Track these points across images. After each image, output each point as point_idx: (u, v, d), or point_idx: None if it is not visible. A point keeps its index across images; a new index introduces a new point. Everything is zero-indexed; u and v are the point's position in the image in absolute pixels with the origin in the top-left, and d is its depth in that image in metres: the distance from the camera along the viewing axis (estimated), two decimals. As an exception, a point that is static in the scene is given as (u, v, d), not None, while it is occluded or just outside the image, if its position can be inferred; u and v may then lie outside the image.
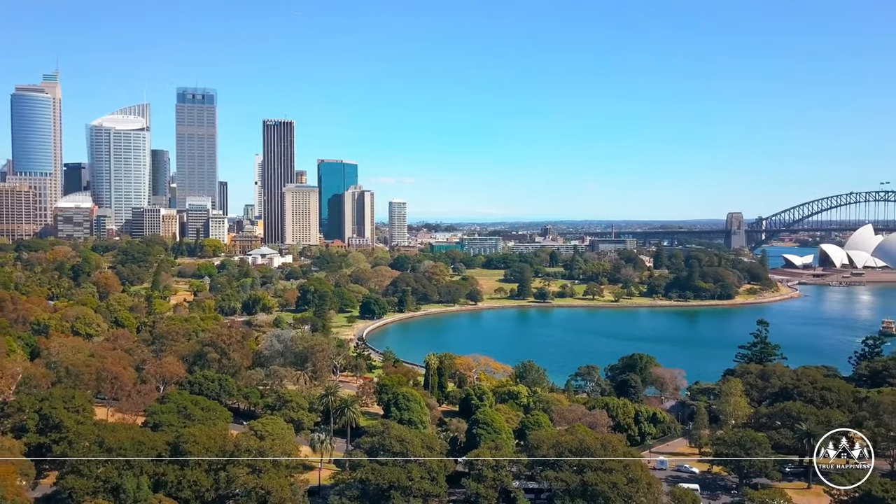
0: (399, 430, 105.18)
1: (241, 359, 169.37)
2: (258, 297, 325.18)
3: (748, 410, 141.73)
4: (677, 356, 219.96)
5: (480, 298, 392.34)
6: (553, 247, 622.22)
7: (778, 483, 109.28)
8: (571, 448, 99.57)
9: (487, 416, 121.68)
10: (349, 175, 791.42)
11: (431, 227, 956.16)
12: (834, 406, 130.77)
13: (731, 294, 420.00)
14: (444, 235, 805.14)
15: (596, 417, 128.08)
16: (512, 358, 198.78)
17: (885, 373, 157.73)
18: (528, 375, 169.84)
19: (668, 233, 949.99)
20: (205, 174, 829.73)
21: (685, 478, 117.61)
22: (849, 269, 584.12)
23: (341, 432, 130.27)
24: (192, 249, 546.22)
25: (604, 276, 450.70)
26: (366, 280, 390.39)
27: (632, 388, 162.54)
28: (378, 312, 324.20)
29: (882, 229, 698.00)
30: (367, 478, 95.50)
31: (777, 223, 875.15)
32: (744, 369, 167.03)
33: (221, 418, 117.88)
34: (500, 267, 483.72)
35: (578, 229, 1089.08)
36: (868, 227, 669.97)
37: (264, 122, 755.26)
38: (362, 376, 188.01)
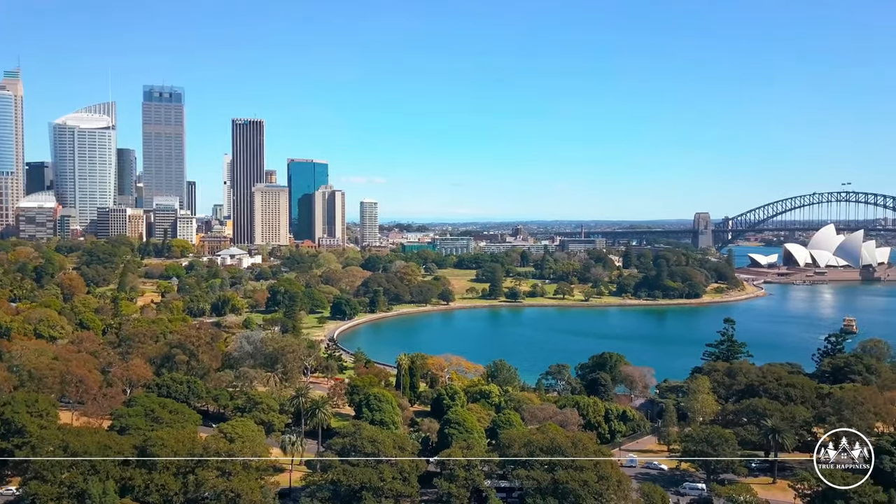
0: (371, 431, 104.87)
1: (210, 360, 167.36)
2: (227, 298, 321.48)
3: (715, 407, 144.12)
4: (646, 354, 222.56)
5: (452, 298, 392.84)
6: (524, 247, 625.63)
7: (744, 478, 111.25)
8: (542, 447, 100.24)
9: (459, 415, 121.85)
10: (319, 175, 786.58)
11: (403, 227, 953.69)
12: (798, 402, 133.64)
13: (698, 293, 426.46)
14: (416, 235, 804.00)
15: (567, 416, 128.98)
16: (484, 357, 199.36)
17: (847, 369, 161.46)
18: (499, 375, 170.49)
19: (636, 233, 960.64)
20: (172, 174, 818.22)
21: (654, 474, 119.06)
22: (812, 268, 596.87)
23: (312, 433, 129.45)
24: (159, 250, 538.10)
25: (574, 275, 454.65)
26: (337, 280, 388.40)
27: (602, 387, 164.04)
28: (349, 313, 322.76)
29: (843, 229, 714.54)
30: (338, 479, 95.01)
31: (743, 223, 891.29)
32: (711, 367, 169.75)
33: (190, 421, 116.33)
34: (471, 267, 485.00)
35: (549, 229, 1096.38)
36: (830, 227, 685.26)
37: (233, 121, 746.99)
38: (333, 377, 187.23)
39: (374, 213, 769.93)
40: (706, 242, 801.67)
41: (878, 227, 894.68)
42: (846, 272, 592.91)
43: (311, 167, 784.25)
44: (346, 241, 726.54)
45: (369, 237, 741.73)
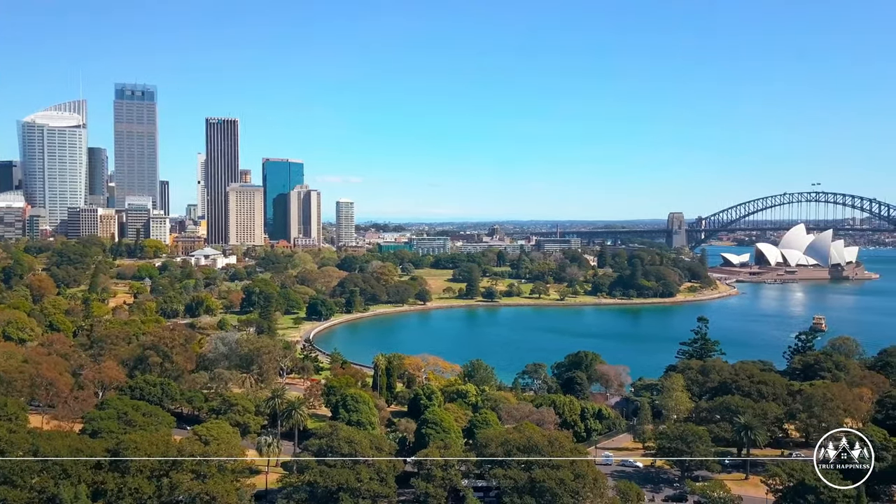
0: (347, 432, 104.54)
1: (184, 362, 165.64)
2: (202, 298, 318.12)
3: (689, 405, 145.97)
4: (621, 353, 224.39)
5: (429, 298, 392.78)
6: (500, 246, 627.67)
7: (718, 475, 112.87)
8: (519, 446, 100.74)
9: (436, 415, 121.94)
10: (295, 174, 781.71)
11: (379, 227, 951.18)
12: (770, 399, 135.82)
13: (672, 292, 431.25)
14: (393, 235, 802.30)
15: (543, 415, 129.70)
16: (461, 357, 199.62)
17: (817, 366, 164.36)
18: (476, 374, 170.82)
19: (611, 232, 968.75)
20: (145, 173, 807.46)
21: (630, 472, 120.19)
22: (783, 267, 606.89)
23: (289, 435, 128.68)
24: (131, 250, 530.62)
25: (550, 275, 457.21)
26: (312, 281, 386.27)
27: (578, 386, 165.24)
28: (325, 314, 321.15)
29: (813, 229, 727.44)
30: (315, 480, 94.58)
31: (716, 223, 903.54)
32: (685, 365, 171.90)
33: (164, 423, 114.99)
34: (448, 267, 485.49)
35: (525, 229, 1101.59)
36: (800, 227, 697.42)
37: (207, 120, 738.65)
38: (310, 378, 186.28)
39: (351, 212, 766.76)
40: (680, 242, 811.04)
41: (847, 226, 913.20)
42: (816, 271, 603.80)
43: (286, 167, 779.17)
44: (322, 242, 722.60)
45: (345, 237, 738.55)
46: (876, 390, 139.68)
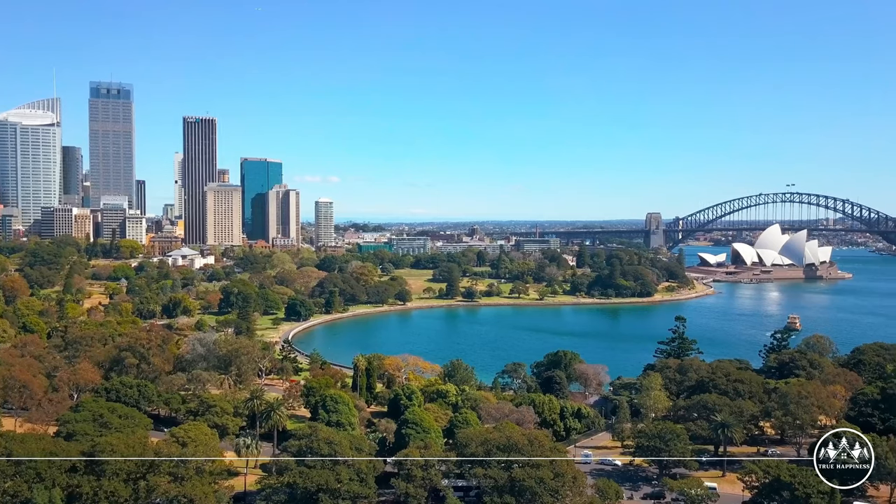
0: (327, 433, 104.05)
1: (161, 363, 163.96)
2: (179, 299, 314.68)
3: (667, 403, 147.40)
4: (600, 352, 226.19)
5: (409, 298, 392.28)
6: (480, 246, 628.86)
7: (695, 472, 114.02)
8: (499, 445, 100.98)
9: (416, 415, 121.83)
10: (273, 174, 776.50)
11: (359, 227, 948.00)
12: (746, 397, 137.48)
13: (650, 291, 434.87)
14: (372, 235, 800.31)
15: (523, 414, 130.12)
16: (441, 357, 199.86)
17: (792, 364, 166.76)
18: (456, 374, 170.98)
19: (590, 233, 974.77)
20: (121, 172, 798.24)
21: (609, 470, 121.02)
22: (758, 266, 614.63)
23: (268, 436, 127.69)
24: (107, 251, 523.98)
25: (529, 274, 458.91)
26: (291, 281, 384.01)
27: (557, 385, 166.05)
28: (304, 314, 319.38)
29: (788, 229, 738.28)
30: (294, 481, 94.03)
31: (693, 223, 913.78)
32: (663, 364, 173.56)
33: (141, 426, 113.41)
34: (428, 267, 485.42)
35: (504, 229, 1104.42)
36: (775, 227, 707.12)
37: (185, 119, 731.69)
38: (289, 379, 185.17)
39: (330, 212, 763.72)
40: (658, 242, 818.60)
41: (821, 227, 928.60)
42: (791, 271, 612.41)
43: (264, 166, 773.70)
44: (301, 242, 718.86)
45: (324, 237, 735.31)
46: (849, 388, 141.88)
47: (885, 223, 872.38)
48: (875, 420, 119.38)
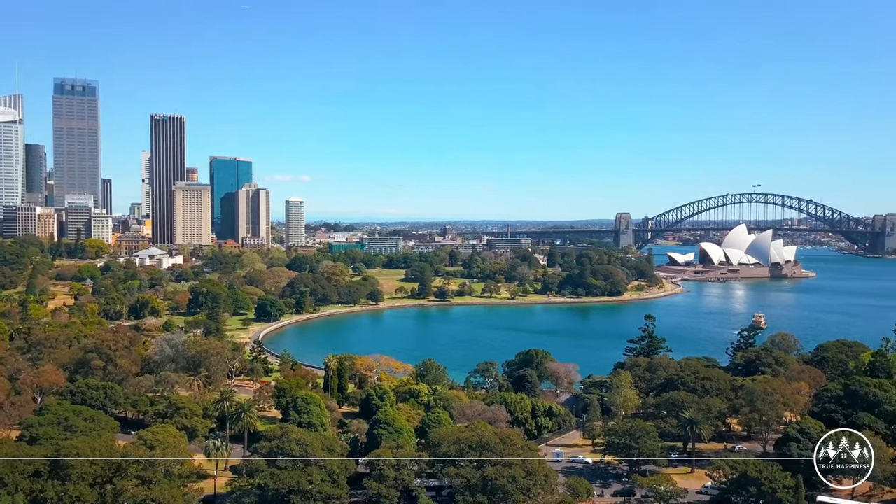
0: (298, 434, 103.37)
1: (128, 365, 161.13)
2: (146, 299, 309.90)
3: (637, 401, 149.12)
4: (571, 351, 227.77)
5: (381, 298, 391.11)
6: (452, 246, 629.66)
7: (664, 469, 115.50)
8: (472, 444, 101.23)
9: (388, 415, 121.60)
10: (243, 173, 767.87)
11: (330, 227, 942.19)
12: (714, 394, 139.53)
13: (620, 291, 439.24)
14: (344, 235, 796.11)
15: (495, 413, 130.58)
16: (413, 357, 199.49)
17: (758, 362, 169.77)
18: (428, 374, 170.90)
19: (560, 232, 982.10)
20: (86, 170, 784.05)
21: (580, 468, 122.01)
22: (726, 266, 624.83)
23: (238, 438, 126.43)
24: (72, 251, 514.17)
25: (501, 274, 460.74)
26: (261, 281, 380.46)
27: (528, 383, 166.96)
28: (275, 314, 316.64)
29: (754, 228, 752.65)
30: (265, 483, 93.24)
31: (662, 223, 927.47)
32: (633, 362, 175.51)
33: (107, 428, 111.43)
34: (400, 266, 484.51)
35: (476, 229, 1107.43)
36: (742, 227, 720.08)
37: (152, 116, 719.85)
38: (259, 380, 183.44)
39: (300, 212, 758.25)
40: (627, 242, 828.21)
41: (786, 227, 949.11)
42: (757, 270, 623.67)
43: (234, 165, 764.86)
44: (272, 241, 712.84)
45: (295, 237, 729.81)
46: (813, 384, 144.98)
47: (846, 223, 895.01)
48: (838, 416, 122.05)
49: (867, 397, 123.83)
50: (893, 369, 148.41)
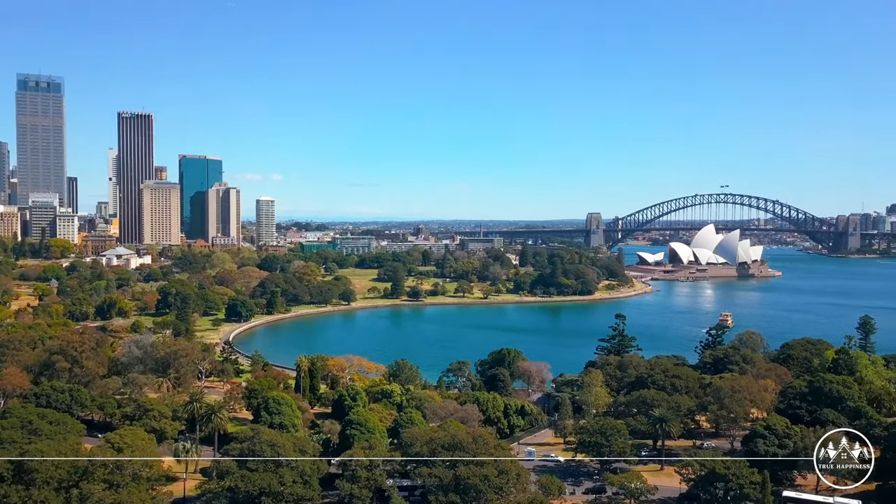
0: (270, 435, 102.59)
1: (95, 367, 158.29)
2: (113, 300, 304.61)
3: (608, 399, 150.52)
4: (543, 350, 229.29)
5: (353, 298, 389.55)
6: (425, 246, 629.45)
7: (635, 466, 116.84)
8: (444, 444, 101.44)
9: (361, 416, 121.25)
10: (213, 171, 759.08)
11: (301, 226, 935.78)
12: (683, 392, 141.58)
13: (590, 290, 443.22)
14: (316, 235, 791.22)
15: (467, 412, 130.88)
16: (385, 357, 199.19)
17: (726, 360, 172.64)
18: (401, 374, 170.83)
19: (532, 232, 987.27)
20: (51, 169, 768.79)
21: (551, 466, 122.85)
22: (694, 265, 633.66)
23: (208, 440, 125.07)
24: (36, 250, 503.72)
25: (473, 273, 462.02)
26: (232, 281, 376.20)
27: (501, 382, 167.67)
28: (245, 315, 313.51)
29: (722, 228, 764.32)
30: (236, 485, 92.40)
31: (632, 223, 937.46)
32: (604, 361, 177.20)
33: (73, 432, 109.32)
34: (373, 266, 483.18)
35: (449, 229, 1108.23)
36: (710, 227, 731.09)
37: (119, 114, 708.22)
38: (230, 381, 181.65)
39: (271, 211, 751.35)
40: (598, 241, 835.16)
41: (753, 227, 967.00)
42: (725, 269, 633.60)
43: (204, 163, 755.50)
44: (242, 241, 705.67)
45: (266, 236, 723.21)
46: (779, 382, 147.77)
47: (811, 223, 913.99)
48: (803, 412, 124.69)
49: (831, 394, 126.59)
50: (856, 366, 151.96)
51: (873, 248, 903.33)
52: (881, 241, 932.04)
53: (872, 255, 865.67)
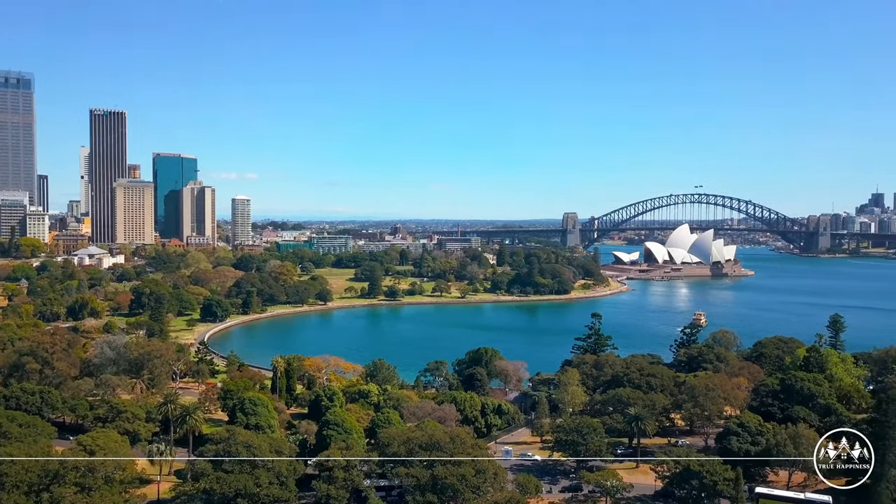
0: (245, 436, 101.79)
1: (66, 368, 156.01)
2: (85, 300, 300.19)
3: (584, 398, 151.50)
4: (520, 349, 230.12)
5: (330, 298, 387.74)
6: (403, 245, 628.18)
7: (611, 464, 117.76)
8: (422, 443, 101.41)
9: (338, 416, 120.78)
10: (188, 170, 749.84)
11: (278, 226, 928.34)
12: (658, 390, 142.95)
13: (567, 289, 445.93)
14: (292, 234, 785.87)
15: (445, 412, 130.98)
16: (363, 357, 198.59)
17: (700, 358, 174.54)
18: (378, 374, 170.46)
19: (509, 232, 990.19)
20: (20, 166, 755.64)
21: (528, 465, 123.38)
22: (669, 264, 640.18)
23: (183, 442, 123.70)
24: (5, 250, 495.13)
25: (451, 273, 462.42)
26: (207, 281, 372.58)
27: (478, 382, 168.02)
28: (221, 315, 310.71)
29: (696, 228, 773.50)
30: (211, 487, 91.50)
31: (608, 223, 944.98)
32: (580, 360, 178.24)
33: (44, 434, 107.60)
34: (350, 266, 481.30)
35: (427, 228, 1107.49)
36: (685, 227, 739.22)
37: (91, 111, 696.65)
38: (205, 382, 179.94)
39: (247, 210, 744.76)
40: (574, 241, 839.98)
41: (726, 226, 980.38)
42: (699, 268, 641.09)
43: (178, 162, 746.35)
44: (217, 240, 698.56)
45: (242, 236, 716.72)
46: (752, 379, 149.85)
47: (783, 223, 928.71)
48: (775, 409, 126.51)
49: (802, 391, 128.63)
50: (826, 364, 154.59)
51: (843, 247, 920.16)
52: (850, 241, 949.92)
53: (842, 254, 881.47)
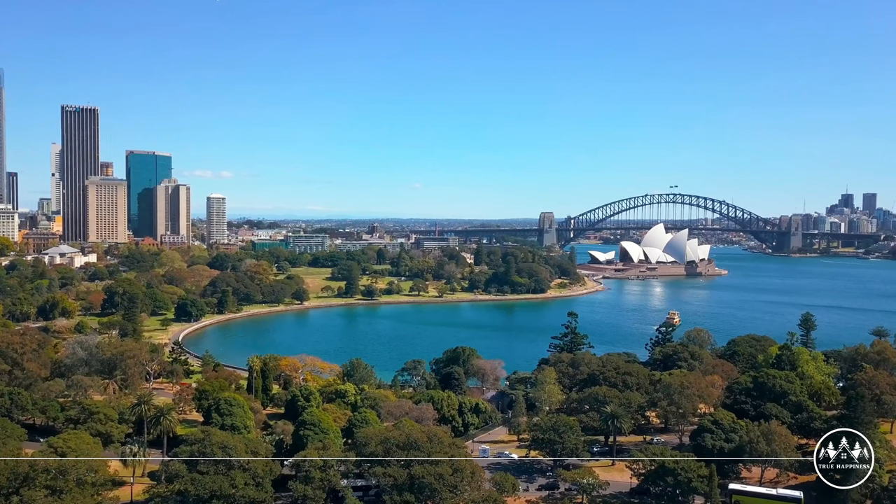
0: (221, 437, 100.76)
1: (37, 369, 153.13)
2: (56, 300, 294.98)
3: (561, 397, 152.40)
4: (497, 348, 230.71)
5: (307, 297, 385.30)
6: (380, 244, 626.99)
7: (587, 462, 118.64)
8: (399, 443, 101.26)
9: (314, 416, 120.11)
10: (162, 168, 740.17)
11: (253, 224, 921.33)
12: (634, 389, 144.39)
13: (543, 288, 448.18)
14: (268, 233, 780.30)
15: (422, 411, 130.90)
16: (340, 357, 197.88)
17: (675, 357, 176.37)
18: (355, 373, 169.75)
19: (487, 231, 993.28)
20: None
21: (506, 464, 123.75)
22: (644, 264, 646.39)
23: (157, 443, 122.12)
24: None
25: (429, 272, 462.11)
26: (182, 280, 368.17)
27: (455, 381, 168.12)
28: (196, 314, 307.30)
29: (671, 228, 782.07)
30: (185, 489, 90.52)
31: (584, 222, 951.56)
32: (556, 358, 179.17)
33: (13, 436, 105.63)
34: (327, 265, 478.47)
35: (405, 227, 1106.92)
36: (660, 227, 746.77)
37: (63, 107, 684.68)
38: (179, 382, 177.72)
39: (222, 209, 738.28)
40: (550, 240, 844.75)
41: (700, 226, 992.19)
42: (673, 268, 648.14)
43: (152, 159, 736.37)
44: (192, 239, 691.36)
45: (217, 234, 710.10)
46: (725, 377, 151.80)
47: (756, 223, 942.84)
48: (748, 407, 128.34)
49: (774, 389, 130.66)
50: (798, 362, 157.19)
51: (814, 247, 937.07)
52: (821, 241, 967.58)
53: (813, 254, 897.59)
